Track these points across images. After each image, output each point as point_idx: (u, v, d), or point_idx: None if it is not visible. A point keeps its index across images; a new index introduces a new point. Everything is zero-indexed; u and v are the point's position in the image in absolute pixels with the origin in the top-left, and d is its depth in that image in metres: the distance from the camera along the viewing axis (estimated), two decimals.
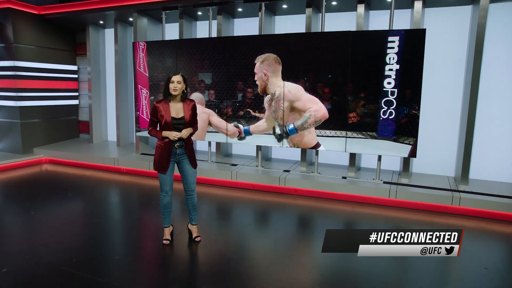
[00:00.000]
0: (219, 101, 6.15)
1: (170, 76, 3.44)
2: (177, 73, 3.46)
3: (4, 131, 7.85)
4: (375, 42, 5.06)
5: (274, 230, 4.43)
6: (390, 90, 5.04)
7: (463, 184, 5.23)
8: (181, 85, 3.47)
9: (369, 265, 3.35)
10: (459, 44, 5.48)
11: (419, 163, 5.88)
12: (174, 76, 3.44)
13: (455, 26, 5.50)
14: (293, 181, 5.64)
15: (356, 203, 5.24)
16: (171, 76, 3.44)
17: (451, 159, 5.71)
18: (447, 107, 5.66)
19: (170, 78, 3.44)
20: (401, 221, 4.62)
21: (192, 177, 3.69)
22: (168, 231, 3.81)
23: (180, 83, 3.45)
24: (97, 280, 3.02)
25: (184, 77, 3.50)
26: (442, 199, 4.87)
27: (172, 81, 3.44)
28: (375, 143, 5.25)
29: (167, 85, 3.45)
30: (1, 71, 7.63)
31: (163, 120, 3.46)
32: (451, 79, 5.59)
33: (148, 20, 7.23)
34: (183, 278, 3.13)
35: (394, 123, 5.10)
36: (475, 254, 3.72)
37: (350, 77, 5.22)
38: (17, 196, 5.56)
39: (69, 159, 7.44)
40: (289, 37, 5.55)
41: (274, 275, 3.17)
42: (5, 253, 3.48)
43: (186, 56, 6.31)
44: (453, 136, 5.63)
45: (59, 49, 8.40)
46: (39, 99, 7.95)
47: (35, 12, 7.72)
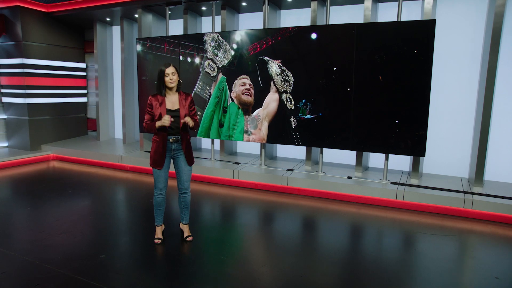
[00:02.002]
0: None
1: (163, 69, 3.31)
2: (168, 65, 3.32)
3: (13, 128, 7.93)
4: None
5: (273, 231, 4.23)
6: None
7: (477, 186, 4.91)
8: (176, 76, 3.35)
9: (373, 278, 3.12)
10: (474, 37, 5.15)
11: (430, 164, 5.58)
12: (167, 69, 3.30)
13: (470, 17, 5.17)
14: (296, 181, 5.43)
15: (361, 204, 4.99)
16: (164, 69, 3.31)
17: (464, 159, 5.38)
18: (460, 103, 5.33)
19: (163, 71, 3.31)
20: (409, 224, 4.35)
21: (186, 175, 3.55)
22: (160, 230, 3.68)
23: (174, 74, 3.33)
24: (76, 278, 2.91)
25: (176, 68, 3.37)
26: (453, 201, 4.57)
27: (167, 73, 3.30)
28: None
29: (162, 78, 3.32)
30: (10, 69, 7.72)
31: (158, 113, 3.34)
32: (465, 74, 5.26)
33: (153, 16, 7.16)
34: (164, 278, 2.98)
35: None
36: (486, 262, 3.44)
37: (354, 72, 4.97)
38: (17, 192, 5.56)
39: (75, 156, 7.46)
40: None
41: (263, 279, 2.99)
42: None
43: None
44: (467, 134, 5.31)
45: (68, 46, 8.44)
46: (48, 97, 8.01)
47: (44, 10, 7.78)
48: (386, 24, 4.79)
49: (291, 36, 5.30)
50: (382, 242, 3.98)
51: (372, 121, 4.99)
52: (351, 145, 5.18)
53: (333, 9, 5.78)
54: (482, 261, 3.48)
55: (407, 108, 4.77)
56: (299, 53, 5.29)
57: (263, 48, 5.53)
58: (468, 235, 4.12)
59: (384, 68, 4.80)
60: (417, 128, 4.75)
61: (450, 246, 3.74)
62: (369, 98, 4.95)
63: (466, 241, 3.98)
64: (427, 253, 3.57)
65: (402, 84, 4.75)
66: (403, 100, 4.77)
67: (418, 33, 4.58)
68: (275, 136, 5.67)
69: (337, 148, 5.28)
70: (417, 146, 4.80)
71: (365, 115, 5.01)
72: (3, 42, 7.73)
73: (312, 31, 5.18)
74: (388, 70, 4.79)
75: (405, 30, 4.65)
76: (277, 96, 5.52)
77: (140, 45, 6.61)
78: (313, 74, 5.24)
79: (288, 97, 5.44)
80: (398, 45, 4.68)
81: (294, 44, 5.30)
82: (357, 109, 5.04)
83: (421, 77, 4.63)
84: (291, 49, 5.33)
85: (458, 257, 3.61)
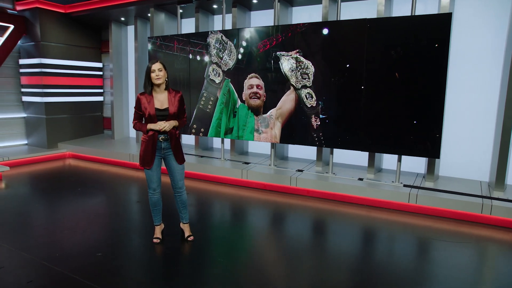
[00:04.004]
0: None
1: (150, 66, 3.24)
2: (155, 61, 3.26)
3: (32, 126, 8.15)
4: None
5: (277, 234, 4.10)
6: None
7: (498, 190, 4.60)
8: (163, 73, 3.27)
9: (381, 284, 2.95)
10: (497, 31, 4.83)
11: (448, 166, 5.29)
12: (154, 65, 3.24)
13: (493, 10, 4.85)
14: (305, 182, 5.27)
15: (372, 207, 4.78)
16: (150, 66, 3.24)
17: (485, 161, 5.06)
18: (481, 102, 5.02)
19: (150, 68, 3.24)
20: (422, 229, 4.12)
21: (179, 174, 3.48)
22: (159, 230, 3.63)
23: (161, 70, 3.26)
24: (70, 276, 2.89)
25: (164, 65, 3.30)
26: (469, 206, 4.30)
27: (153, 70, 3.24)
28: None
29: (148, 75, 3.26)
30: (29, 69, 7.93)
31: (147, 112, 3.28)
32: (487, 72, 4.95)
33: (165, 15, 7.18)
34: (159, 279, 2.92)
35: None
36: (505, 272, 3.19)
37: (365, 70, 4.77)
38: (30, 189, 5.67)
39: (90, 154, 7.58)
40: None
41: (259, 284, 2.87)
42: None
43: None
44: (488, 135, 4.99)
45: (85, 46, 8.60)
46: (65, 95, 8.18)
47: (62, 11, 7.95)
48: (399, 18, 4.56)
49: (302, 32, 5.14)
50: (392, 248, 3.77)
51: (384, 121, 4.77)
52: (361, 145, 4.97)
53: (345, 5, 5.58)
54: (501, 271, 3.24)
55: (421, 107, 4.52)
56: (311, 50, 5.12)
57: (273, 45, 5.40)
58: (486, 243, 3.85)
59: (397, 65, 4.57)
60: (432, 128, 4.50)
61: (465, 254, 3.49)
62: (380, 96, 4.73)
63: (483, 249, 3.72)
64: (441, 261, 3.33)
65: (415, 81, 4.50)
66: (417, 98, 4.53)
67: (433, 27, 4.32)
68: (287, 135, 5.51)
69: (348, 148, 5.08)
70: (431, 148, 4.55)
71: (377, 114, 4.80)
72: (23, 43, 7.97)
73: (324, 27, 5.00)
74: (400, 67, 4.56)
75: (418, 25, 4.40)
76: (293, 96, 5.33)
77: (151, 43, 6.62)
78: (327, 71, 5.06)
79: (309, 93, 5.23)
80: (412, 40, 4.44)
81: (305, 40, 5.14)
82: (368, 107, 4.83)
83: (436, 74, 4.38)
84: (304, 45, 5.16)
85: (474, 266, 3.36)
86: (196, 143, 7.10)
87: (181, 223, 3.70)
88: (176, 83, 6.40)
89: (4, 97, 7.94)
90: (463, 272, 3.14)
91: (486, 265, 3.44)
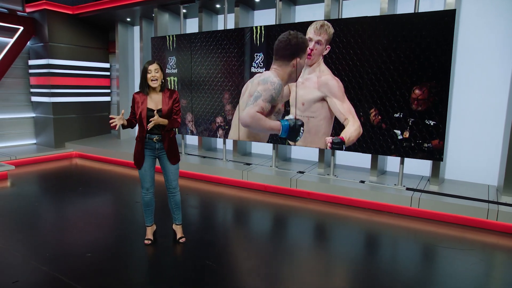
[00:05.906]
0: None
1: (146, 66, 3.22)
2: (152, 62, 3.23)
3: (40, 126, 8.28)
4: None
5: (274, 237, 4.00)
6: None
7: (506, 195, 4.40)
8: (159, 74, 3.24)
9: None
10: (507, 29, 4.62)
11: (454, 169, 5.10)
12: (150, 66, 3.21)
13: (502, 7, 4.65)
14: (306, 184, 5.17)
15: (373, 210, 4.64)
16: (146, 66, 3.21)
17: (493, 165, 4.85)
18: (490, 103, 4.82)
19: (146, 69, 3.21)
20: (424, 235, 3.97)
21: (173, 174, 3.44)
22: (150, 231, 3.60)
23: (157, 71, 3.23)
24: (56, 276, 2.87)
25: (160, 66, 3.26)
26: (475, 211, 4.11)
27: (149, 70, 3.21)
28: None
29: (144, 76, 3.23)
30: (37, 69, 8.06)
31: (138, 112, 3.26)
32: (496, 72, 4.74)
33: (169, 16, 7.18)
34: (145, 281, 2.87)
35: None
36: (510, 282, 3.02)
37: (366, 69, 4.63)
38: (34, 188, 5.74)
39: (95, 154, 7.64)
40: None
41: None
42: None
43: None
44: (497, 137, 4.78)
45: (93, 47, 8.69)
46: (72, 96, 8.28)
47: (70, 12, 8.05)
48: (400, 16, 4.40)
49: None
50: (392, 254, 3.64)
51: (384, 121, 4.62)
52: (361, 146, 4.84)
53: (347, 3, 5.46)
54: (506, 280, 3.08)
55: (423, 107, 4.36)
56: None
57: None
58: (491, 250, 3.67)
59: (398, 63, 4.42)
60: (435, 129, 4.33)
61: (470, 262, 3.31)
62: (380, 96, 4.59)
63: (489, 257, 3.54)
64: (443, 269, 3.18)
65: (417, 80, 4.35)
66: (419, 98, 4.37)
67: (436, 25, 4.16)
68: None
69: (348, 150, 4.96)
70: (434, 150, 4.38)
71: (377, 114, 4.65)
72: (32, 44, 8.10)
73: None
74: (402, 65, 4.41)
75: (420, 22, 4.24)
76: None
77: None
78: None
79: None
80: (413, 39, 4.29)
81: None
82: (367, 107, 4.69)
83: (438, 74, 4.21)
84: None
85: (478, 274, 3.18)
86: (200, 144, 7.07)
87: (173, 224, 3.65)
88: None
89: (14, 97, 8.09)
90: (467, 281, 2.99)
91: (491, 274, 3.27)
